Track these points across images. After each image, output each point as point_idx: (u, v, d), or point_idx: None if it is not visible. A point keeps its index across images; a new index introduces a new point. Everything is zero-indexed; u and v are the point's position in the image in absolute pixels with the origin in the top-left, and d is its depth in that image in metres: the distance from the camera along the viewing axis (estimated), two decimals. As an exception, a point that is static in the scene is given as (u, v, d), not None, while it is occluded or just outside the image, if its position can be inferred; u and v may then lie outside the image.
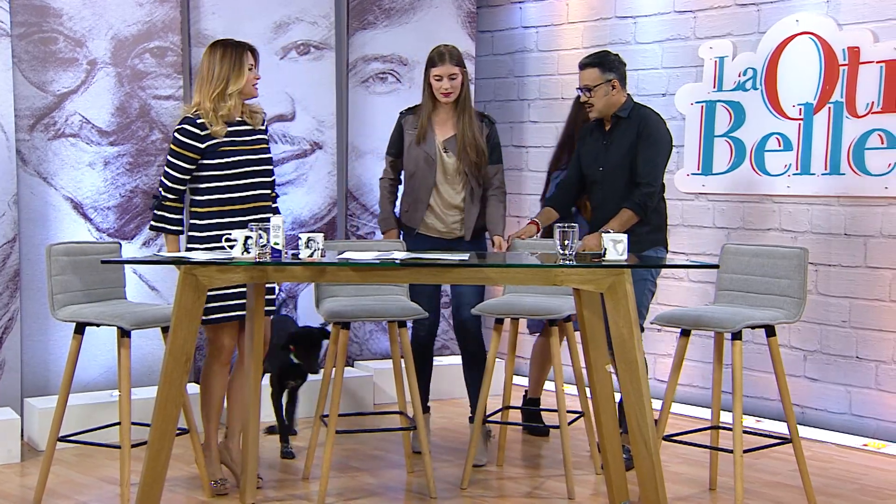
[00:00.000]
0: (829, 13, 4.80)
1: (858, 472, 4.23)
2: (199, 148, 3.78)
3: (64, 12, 4.67)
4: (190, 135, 3.76)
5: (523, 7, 6.10)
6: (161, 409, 3.30)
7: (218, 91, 3.79)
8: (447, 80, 4.22)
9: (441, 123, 4.33)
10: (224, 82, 3.80)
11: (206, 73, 3.82)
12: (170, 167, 3.80)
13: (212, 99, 3.79)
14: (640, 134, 4.11)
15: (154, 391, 3.36)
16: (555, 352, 3.93)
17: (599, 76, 4.14)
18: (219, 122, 3.78)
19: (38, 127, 4.65)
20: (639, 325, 3.26)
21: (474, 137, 4.26)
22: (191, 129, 3.77)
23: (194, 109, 3.81)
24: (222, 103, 3.79)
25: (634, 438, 3.26)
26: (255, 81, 3.90)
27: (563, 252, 3.28)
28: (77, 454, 4.32)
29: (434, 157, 4.28)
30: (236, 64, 3.81)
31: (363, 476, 4.18)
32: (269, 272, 3.35)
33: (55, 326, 4.58)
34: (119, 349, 3.64)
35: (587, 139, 4.31)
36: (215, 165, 3.79)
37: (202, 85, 3.83)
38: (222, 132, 3.79)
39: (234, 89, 3.81)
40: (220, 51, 3.83)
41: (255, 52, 3.90)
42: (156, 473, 3.33)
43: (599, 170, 4.21)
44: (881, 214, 4.67)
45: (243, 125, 3.88)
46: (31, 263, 4.59)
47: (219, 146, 3.79)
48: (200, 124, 3.77)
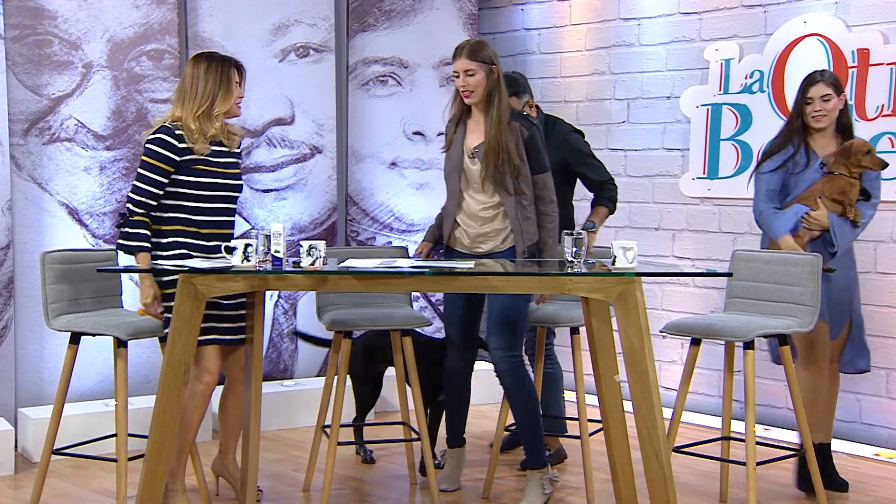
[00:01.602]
0: (838, 14, 4.73)
1: (872, 484, 4.15)
2: (175, 161, 3.50)
3: (59, 14, 4.58)
4: (167, 146, 3.48)
5: (525, 9, 6.02)
6: (159, 421, 3.22)
7: (203, 110, 3.53)
8: (463, 76, 3.68)
9: (473, 128, 3.78)
10: (210, 100, 3.54)
11: (189, 88, 3.55)
12: (141, 180, 3.49)
13: (196, 118, 3.52)
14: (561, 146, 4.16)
15: (151, 400, 3.28)
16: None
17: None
18: (205, 141, 3.53)
19: (33, 131, 4.57)
20: (650, 335, 3.18)
21: (499, 142, 3.63)
22: (167, 139, 3.49)
23: (172, 121, 3.54)
24: (209, 123, 3.53)
25: (646, 450, 3.18)
26: (240, 100, 3.66)
27: (572, 260, 3.19)
28: (72, 466, 4.23)
29: (459, 164, 3.77)
30: (223, 81, 3.56)
31: (365, 487, 4.09)
32: (270, 281, 3.27)
33: (50, 335, 4.50)
34: (115, 360, 3.55)
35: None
36: (187, 183, 3.52)
37: (185, 100, 3.55)
38: (205, 151, 3.53)
39: (220, 109, 3.55)
40: (206, 65, 3.57)
41: (241, 68, 3.66)
42: (153, 488, 3.25)
43: None
44: (892, 220, 4.60)
45: (220, 146, 3.61)
46: (25, 270, 4.50)
47: (194, 163, 3.52)
48: (179, 136, 3.50)
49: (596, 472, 3.86)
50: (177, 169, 3.51)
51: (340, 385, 3.72)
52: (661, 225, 5.42)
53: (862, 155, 3.87)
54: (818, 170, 3.92)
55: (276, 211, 5.22)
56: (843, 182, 3.88)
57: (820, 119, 3.93)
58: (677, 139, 5.34)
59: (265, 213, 5.20)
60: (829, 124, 3.95)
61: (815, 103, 3.92)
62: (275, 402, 4.87)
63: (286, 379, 5.25)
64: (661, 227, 5.42)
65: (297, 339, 5.17)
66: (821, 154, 3.95)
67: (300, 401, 4.97)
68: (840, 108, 3.96)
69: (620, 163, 5.54)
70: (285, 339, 5.28)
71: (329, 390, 3.91)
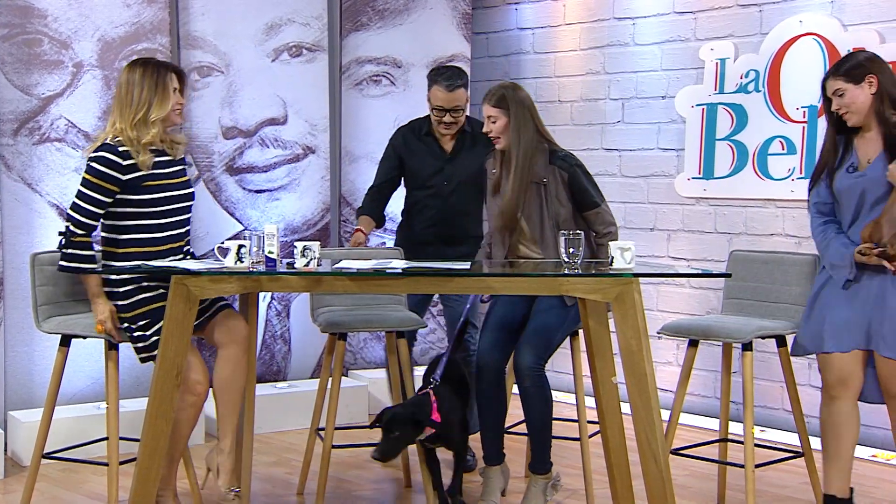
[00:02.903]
0: (834, 13, 4.71)
1: (870, 485, 4.13)
2: (120, 180, 3.35)
3: (49, 13, 4.53)
4: (110, 163, 3.34)
5: (519, 8, 5.99)
6: (151, 425, 3.17)
7: (140, 116, 3.40)
8: (487, 122, 3.66)
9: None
10: (146, 107, 3.40)
11: (125, 96, 3.42)
12: (83, 199, 3.35)
13: (133, 125, 3.39)
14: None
15: (143, 403, 3.24)
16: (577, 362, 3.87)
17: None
18: (144, 150, 3.39)
19: (23, 131, 4.52)
20: (648, 336, 3.14)
21: (514, 214, 3.62)
22: (111, 157, 3.34)
23: (114, 136, 3.41)
24: (144, 130, 3.39)
25: (643, 452, 3.14)
26: (179, 107, 3.51)
27: (569, 260, 3.16)
28: (62, 469, 4.18)
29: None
30: (159, 87, 3.42)
31: (359, 491, 4.05)
32: (264, 282, 3.23)
33: (40, 337, 4.44)
34: (106, 362, 3.51)
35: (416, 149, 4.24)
36: (137, 202, 3.40)
37: (122, 108, 3.42)
38: (149, 162, 3.39)
39: (156, 116, 3.41)
40: (141, 70, 3.43)
41: (181, 73, 3.54)
42: (146, 491, 3.20)
43: (444, 184, 4.20)
44: (888, 219, 4.57)
45: (164, 156, 3.48)
46: (15, 272, 4.45)
47: (142, 180, 3.39)
48: (123, 153, 3.36)
49: (595, 474, 3.83)
50: (123, 189, 3.38)
51: (335, 387, 3.68)
52: (657, 225, 5.39)
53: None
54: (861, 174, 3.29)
55: (269, 212, 5.18)
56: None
57: (846, 117, 3.30)
58: (672, 139, 5.32)
59: (258, 214, 5.16)
60: (860, 120, 3.28)
61: (834, 101, 3.31)
62: (268, 404, 4.82)
63: (279, 381, 5.20)
64: (656, 227, 5.39)
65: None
66: (861, 154, 3.31)
67: (293, 403, 4.93)
68: (871, 94, 3.25)
69: (615, 163, 5.52)
70: (278, 341, 5.24)
71: (323, 392, 3.87)
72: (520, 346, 3.59)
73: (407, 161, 4.26)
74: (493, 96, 3.63)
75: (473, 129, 4.24)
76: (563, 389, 5.33)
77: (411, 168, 4.27)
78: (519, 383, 3.60)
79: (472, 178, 4.14)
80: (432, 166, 4.22)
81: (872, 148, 3.26)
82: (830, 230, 3.33)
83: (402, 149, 4.27)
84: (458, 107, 4.12)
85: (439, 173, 4.22)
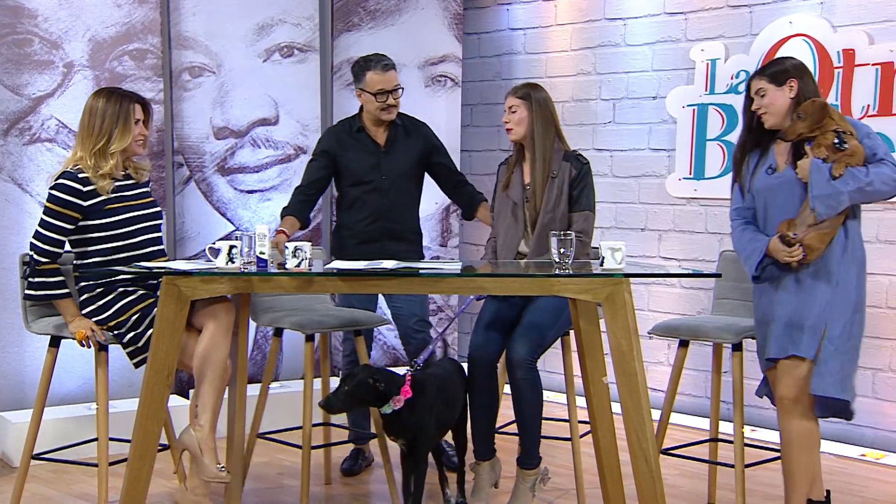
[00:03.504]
0: (823, 14, 4.73)
1: (860, 485, 4.15)
2: (82, 206, 3.39)
3: (39, 13, 4.52)
4: (70, 191, 3.37)
5: (510, 9, 6.00)
6: (142, 426, 3.17)
7: (99, 147, 3.42)
8: (508, 112, 3.78)
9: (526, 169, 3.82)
10: (106, 138, 3.43)
11: (87, 124, 3.45)
12: (46, 228, 3.38)
13: (92, 154, 3.42)
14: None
15: (134, 403, 3.23)
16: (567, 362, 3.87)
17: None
18: (103, 178, 3.42)
19: (13, 132, 4.50)
20: (638, 336, 3.15)
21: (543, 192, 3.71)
22: (72, 184, 3.38)
23: (74, 164, 3.44)
24: (103, 161, 3.42)
25: (634, 452, 3.15)
26: (141, 139, 3.53)
27: (560, 261, 3.16)
28: (52, 470, 4.17)
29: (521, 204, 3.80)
30: (121, 119, 3.44)
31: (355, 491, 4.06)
32: (255, 283, 3.22)
33: (31, 337, 4.43)
34: (96, 365, 3.50)
35: (349, 145, 4.16)
36: (104, 226, 3.43)
37: (83, 137, 3.45)
38: (108, 187, 3.42)
39: (116, 148, 3.44)
40: (105, 99, 3.46)
41: (145, 105, 3.55)
42: (136, 493, 3.20)
43: (382, 178, 4.13)
44: (878, 220, 4.60)
45: (128, 179, 3.53)
46: (5, 272, 4.44)
47: (105, 204, 3.42)
48: (83, 179, 3.40)
49: (586, 474, 3.84)
50: (85, 215, 3.41)
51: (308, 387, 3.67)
52: (648, 225, 5.41)
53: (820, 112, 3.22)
54: (779, 175, 3.33)
55: (261, 212, 5.18)
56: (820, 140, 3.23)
57: (763, 117, 3.35)
58: (663, 139, 5.33)
59: (249, 214, 5.16)
60: (776, 121, 3.32)
61: (755, 101, 3.36)
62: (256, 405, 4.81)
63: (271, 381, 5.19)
64: (647, 227, 5.40)
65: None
66: (779, 156, 3.35)
67: (285, 403, 4.92)
68: (790, 98, 3.29)
69: (606, 163, 5.53)
70: (270, 342, 5.23)
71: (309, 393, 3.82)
72: (513, 339, 3.61)
73: (340, 159, 4.14)
74: (518, 90, 3.80)
75: (405, 122, 4.23)
76: (555, 389, 5.34)
77: (346, 165, 4.14)
78: (511, 375, 3.60)
79: (410, 171, 4.17)
80: (368, 161, 4.13)
81: (788, 151, 3.31)
82: (748, 232, 3.37)
83: (335, 147, 4.15)
84: (398, 85, 4.09)
85: (375, 168, 4.13)
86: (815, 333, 3.21)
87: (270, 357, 3.85)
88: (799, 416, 3.25)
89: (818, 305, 3.22)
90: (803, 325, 3.22)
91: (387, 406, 3.37)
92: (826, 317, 3.21)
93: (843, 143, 3.17)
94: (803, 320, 3.22)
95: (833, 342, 3.20)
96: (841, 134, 3.18)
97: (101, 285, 3.45)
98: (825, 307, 3.22)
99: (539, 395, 3.64)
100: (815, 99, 3.24)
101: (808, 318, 3.22)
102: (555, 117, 3.78)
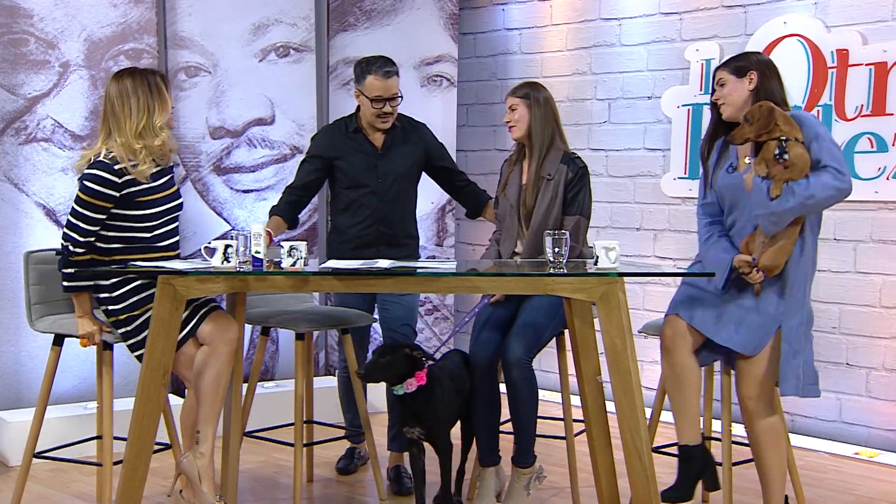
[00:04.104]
0: (817, 15, 4.74)
1: (852, 483, 4.17)
2: (115, 197, 3.34)
3: (35, 13, 4.53)
4: (106, 183, 3.31)
5: (506, 9, 6.01)
6: (137, 424, 3.18)
7: (143, 124, 3.35)
8: (508, 112, 3.81)
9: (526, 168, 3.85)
10: (146, 113, 3.36)
11: (120, 108, 3.37)
12: (81, 219, 3.33)
13: (138, 135, 3.35)
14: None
15: (130, 403, 3.23)
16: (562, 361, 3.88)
17: None
18: (146, 160, 3.36)
19: (9, 131, 4.51)
20: (632, 335, 3.17)
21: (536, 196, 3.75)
22: (106, 175, 3.32)
23: (107, 151, 3.36)
24: (152, 137, 3.37)
25: (628, 450, 3.17)
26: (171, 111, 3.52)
27: (554, 260, 3.18)
28: (49, 469, 4.17)
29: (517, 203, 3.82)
30: (155, 92, 3.39)
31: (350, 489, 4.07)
32: (251, 282, 3.23)
33: (27, 336, 4.44)
34: (101, 363, 3.51)
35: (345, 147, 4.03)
36: (132, 217, 3.39)
37: (119, 121, 3.37)
38: (147, 172, 3.37)
39: (161, 120, 3.39)
40: (130, 79, 3.39)
41: (164, 77, 3.50)
42: (132, 490, 3.21)
43: (379, 181, 4.01)
44: (871, 219, 4.62)
45: (155, 165, 3.46)
46: (2, 271, 4.45)
47: (136, 195, 3.38)
48: (119, 170, 3.33)
49: (581, 472, 3.85)
50: (116, 204, 3.37)
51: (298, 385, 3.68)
52: (643, 225, 5.42)
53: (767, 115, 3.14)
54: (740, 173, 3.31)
55: (257, 212, 5.19)
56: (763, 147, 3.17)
57: (721, 108, 3.33)
58: (658, 139, 5.35)
59: (245, 214, 5.17)
60: (733, 113, 3.29)
61: (716, 91, 3.34)
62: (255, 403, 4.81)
63: (266, 381, 5.21)
64: (642, 227, 5.42)
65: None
66: (740, 153, 3.33)
67: (280, 402, 4.93)
68: (749, 90, 3.27)
69: (602, 163, 5.54)
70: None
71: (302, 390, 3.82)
72: (509, 338, 3.62)
73: (336, 161, 4.02)
74: (519, 88, 3.82)
75: (403, 124, 4.13)
76: (550, 388, 5.35)
77: (342, 167, 4.02)
78: (506, 374, 3.62)
79: (407, 175, 4.07)
80: (365, 163, 4.01)
81: (749, 147, 3.27)
82: (715, 232, 3.36)
83: (330, 149, 4.03)
84: (397, 94, 3.97)
85: (373, 170, 4.01)
86: (769, 334, 3.23)
87: (258, 357, 3.85)
88: (763, 413, 3.29)
89: (773, 307, 3.24)
90: (758, 325, 3.24)
91: (400, 387, 3.42)
92: (780, 318, 3.24)
93: (783, 155, 3.09)
94: (759, 320, 3.24)
95: (791, 343, 3.24)
96: (783, 143, 3.10)
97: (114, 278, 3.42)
98: (780, 309, 3.24)
99: (535, 393, 3.65)
100: (762, 103, 3.17)
101: (765, 317, 3.24)
102: (556, 117, 3.80)
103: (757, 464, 3.37)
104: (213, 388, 3.35)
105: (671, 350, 3.33)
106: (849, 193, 3.10)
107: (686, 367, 3.33)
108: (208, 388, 3.35)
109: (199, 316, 3.41)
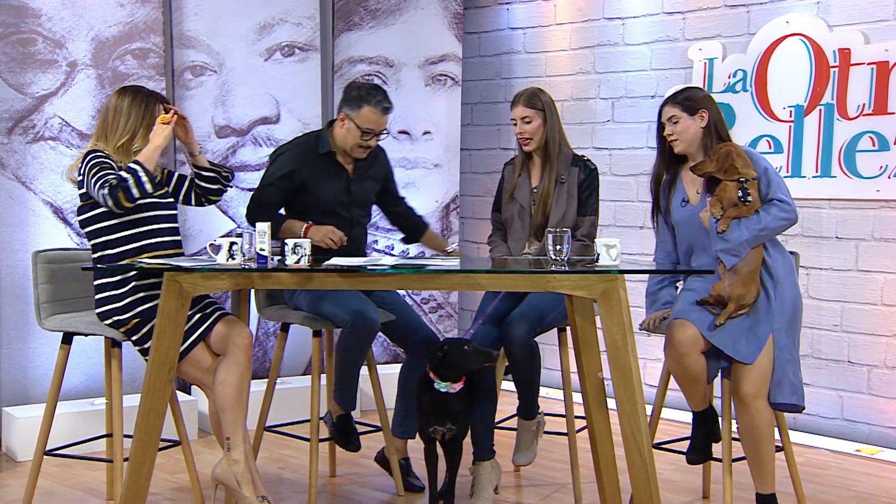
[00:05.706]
0: (820, 14, 4.76)
1: (853, 479, 4.19)
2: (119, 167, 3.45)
3: (42, 13, 4.57)
4: (108, 156, 3.45)
5: (510, 8, 6.04)
6: (143, 420, 3.21)
7: (123, 143, 3.47)
8: (521, 123, 3.84)
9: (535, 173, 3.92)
10: (129, 136, 3.48)
11: (111, 121, 3.50)
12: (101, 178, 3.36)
13: (116, 149, 3.48)
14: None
15: (136, 399, 3.26)
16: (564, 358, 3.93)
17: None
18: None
19: (17, 130, 4.55)
20: (633, 332, 3.20)
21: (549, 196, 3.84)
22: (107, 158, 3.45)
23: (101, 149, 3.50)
24: (126, 158, 3.46)
25: (629, 447, 3.19)
26: None
27: (556, 257, 3.21)
28: (57, 465, 4.21)
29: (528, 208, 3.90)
30: (146, 118, 3.49)
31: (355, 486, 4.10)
32: (255, 279, 3.26)
33: (35, 334, 4.49)
34: (110, 360, 3.54)
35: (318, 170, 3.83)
36: (129, 223, 3.46)
37: (107, 132, 3.50)
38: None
39: (139, 146, 3.47)
40: (130, 99, 3.51)
41: (166, 103, 3.59)
42: (138, 486, 3.24)
43: (350, 210, 3.88)
44: (873, 217, 4.63)
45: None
46: (9, 269, 4.49)
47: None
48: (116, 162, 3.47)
49: (583, 468, 3.88)
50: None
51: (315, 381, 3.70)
52: (646, 224, 5.44)
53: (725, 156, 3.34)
54: (694, 207, 3.51)
55: (262, 210, 5.21)
56: (723, 186, 3.37)
57: (674, 143, 3.50)
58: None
59: (250, 212, 5.20)
60: (685, 148, 3.48)
61: (667, 127, 3.51)
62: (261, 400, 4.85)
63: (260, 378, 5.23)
64: (645, 225, 5.44)
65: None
66: (689, 187, 3.52)
67: (287, 399, 4.97)
68: (701, 127, 3.46)
69: (605, 162, 5.57)
70: (271, 338, 5.29)
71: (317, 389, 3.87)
72: (511, 319, 3.68)
73: (309, 184, 3.80)
74: (528, 98, 3.84)
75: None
76: (551, 385, 5.38)
77: (315, 193, 3.81)
78: (508, 353, 3.70)
79: (371, 200, 3.99)
80: (338, 190, 3.84)
81: (700, 181, 3.46)
82: (665, 281, 3.64)
83: (302, 171, 3.79)
84: (385, 130, 3.84)
85: (345, 198, 3.85)
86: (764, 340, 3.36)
87: (276, 353, 3.88)
88: (763, 408, 3.38)
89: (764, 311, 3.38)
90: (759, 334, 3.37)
91: (445, 384, 3.45)
92: (773, 327, 3.38)
93: (746, 198, 3.33)
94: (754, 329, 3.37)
95: (784, 352, 3.37)
96: (745, 185, 3.33)
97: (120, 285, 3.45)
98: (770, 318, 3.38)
99: (537, 359, 3.75)
100: (721, 145, 3.38)
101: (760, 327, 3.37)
102: (560, 121, 3.89)
103: (754, 458, 3.43)
104: (237, 396, 3.37)
105: (686, 356, 3.40)
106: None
107: (699, 368, 3.43)
108: (232, 396, 3.36)
109: (210, 320, 3.44)
